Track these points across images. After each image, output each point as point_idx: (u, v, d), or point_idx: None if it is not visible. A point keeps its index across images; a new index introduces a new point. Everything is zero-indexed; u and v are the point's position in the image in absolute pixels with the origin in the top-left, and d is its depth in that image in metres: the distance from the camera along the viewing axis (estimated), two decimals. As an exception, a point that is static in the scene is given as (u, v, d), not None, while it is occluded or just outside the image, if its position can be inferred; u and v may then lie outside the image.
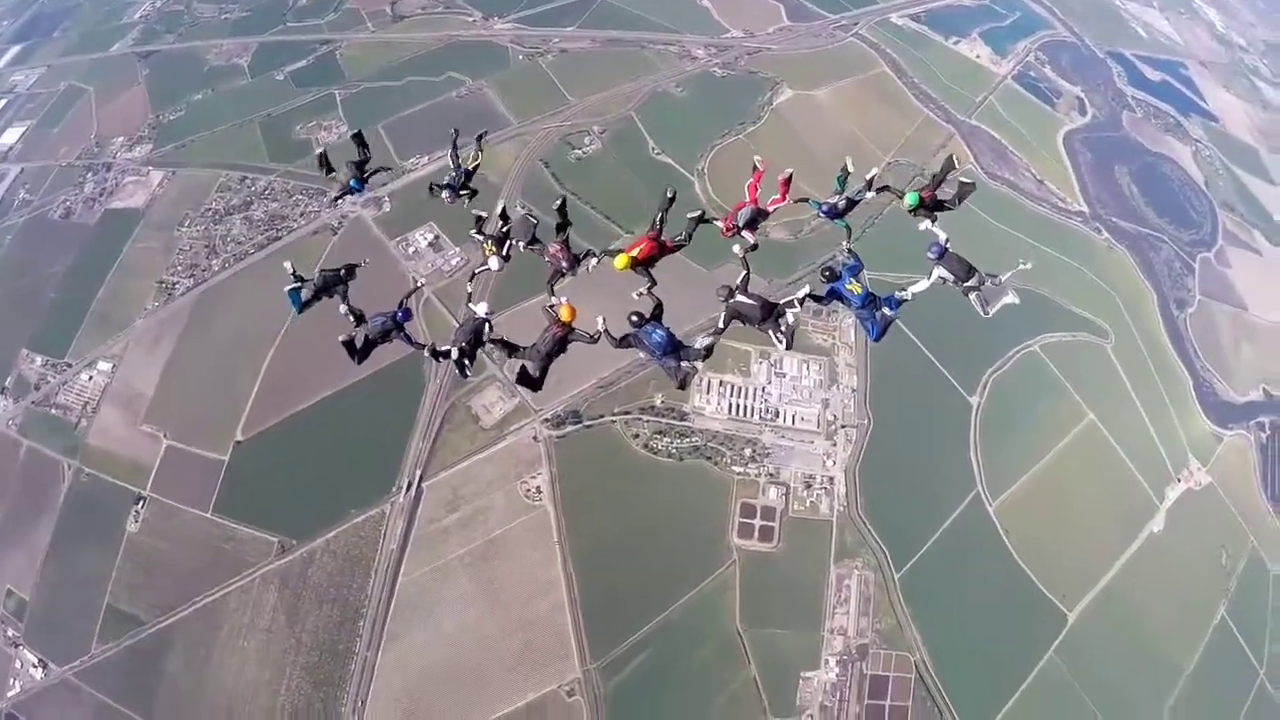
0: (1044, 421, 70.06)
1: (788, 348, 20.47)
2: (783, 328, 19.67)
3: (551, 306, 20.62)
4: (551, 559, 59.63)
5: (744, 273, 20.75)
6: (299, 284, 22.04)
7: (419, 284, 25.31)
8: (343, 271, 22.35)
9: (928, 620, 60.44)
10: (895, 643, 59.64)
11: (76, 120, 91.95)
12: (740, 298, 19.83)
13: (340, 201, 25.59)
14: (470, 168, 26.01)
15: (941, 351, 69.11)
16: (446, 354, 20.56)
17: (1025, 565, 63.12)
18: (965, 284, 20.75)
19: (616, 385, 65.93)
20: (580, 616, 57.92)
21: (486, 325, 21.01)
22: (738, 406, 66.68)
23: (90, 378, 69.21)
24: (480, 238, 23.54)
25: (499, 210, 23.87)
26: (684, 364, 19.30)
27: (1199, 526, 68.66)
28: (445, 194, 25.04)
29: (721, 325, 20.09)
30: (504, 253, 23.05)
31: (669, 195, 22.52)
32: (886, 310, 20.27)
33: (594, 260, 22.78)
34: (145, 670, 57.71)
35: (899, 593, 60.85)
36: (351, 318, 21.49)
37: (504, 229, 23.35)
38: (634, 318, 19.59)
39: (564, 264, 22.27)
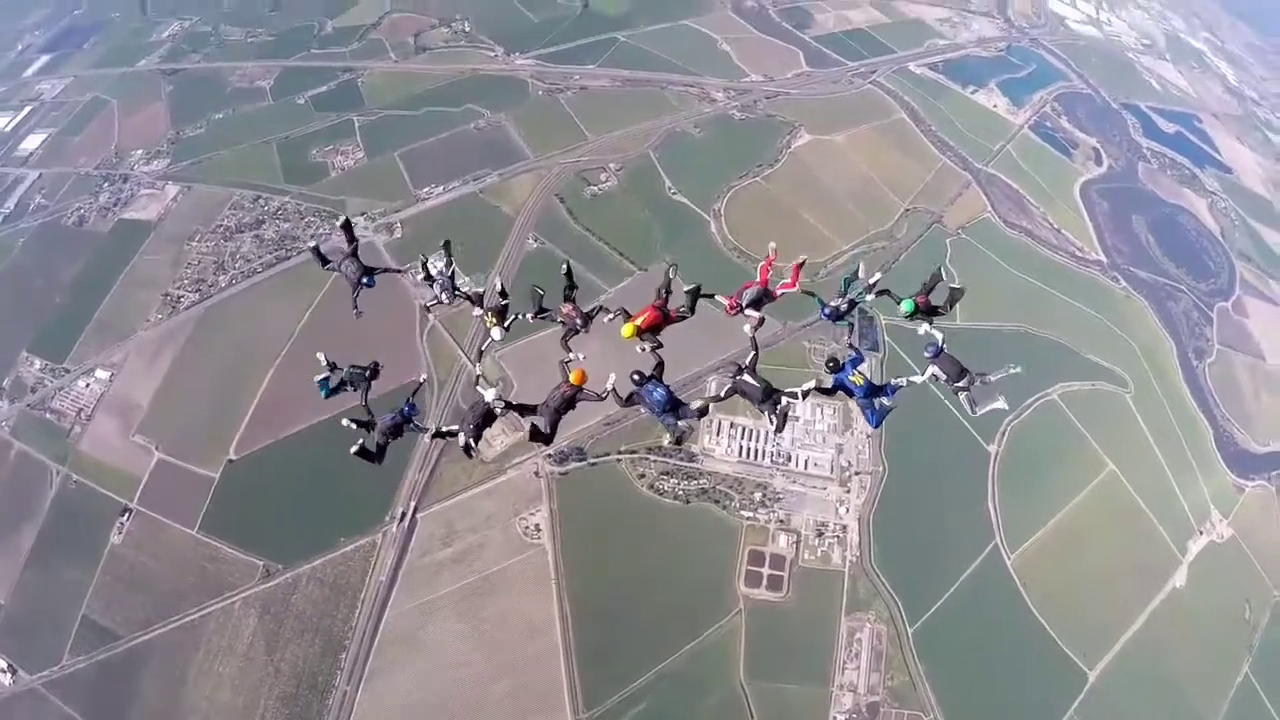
0: (1063, 472, 65.76)
1: (777, 431, 21.30)
2: (778, 411, 19.94)
3: (567, 363, 21.07)
4: (548, 600, 55.16)
5: (753, 353, 20.91)
6: (329, 372, 21.85)
7: (422, 379, 22.95)
8: (368, 371, 22.00)
9: (942, 678, 55.55)
10: (908, 701, 54.65)
11: (98, 131, 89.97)
12: (746, 378, 20.13)
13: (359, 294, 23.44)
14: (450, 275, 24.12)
15: (958, 398, 63.84)
16: (453, 434, 20.76)
17: (1044, 621, 58.46)
18: (956, 384, 20.92)
19: (623, 423, 61.68)
20: (575, 662, 53.26)
21: (495, 410, 20.82)
22: (748, 449, 62.47)
23: (87, 385, 66.34)
24: (480, 313, 23.15)
25: (497, 285, 23.44)
26: (681, 422, 19.70)
27: (1221, 580, 64.09)
28: (443, 296, 23.61)
29: (722, 395, 20.93)
30: (505, 324, 22.86)
31: (669, 274, 22.15)
32: (886, 400, 20.87)
33: (608, 316, 22.75)
34: (116, 687, 53.53)
35: (912, 648, 56.05)
36: (357, 426, 21.08)
37: (504, 303, 23.04)
38: (635, 377, 19.90)
39: (578, 322, 22.31)
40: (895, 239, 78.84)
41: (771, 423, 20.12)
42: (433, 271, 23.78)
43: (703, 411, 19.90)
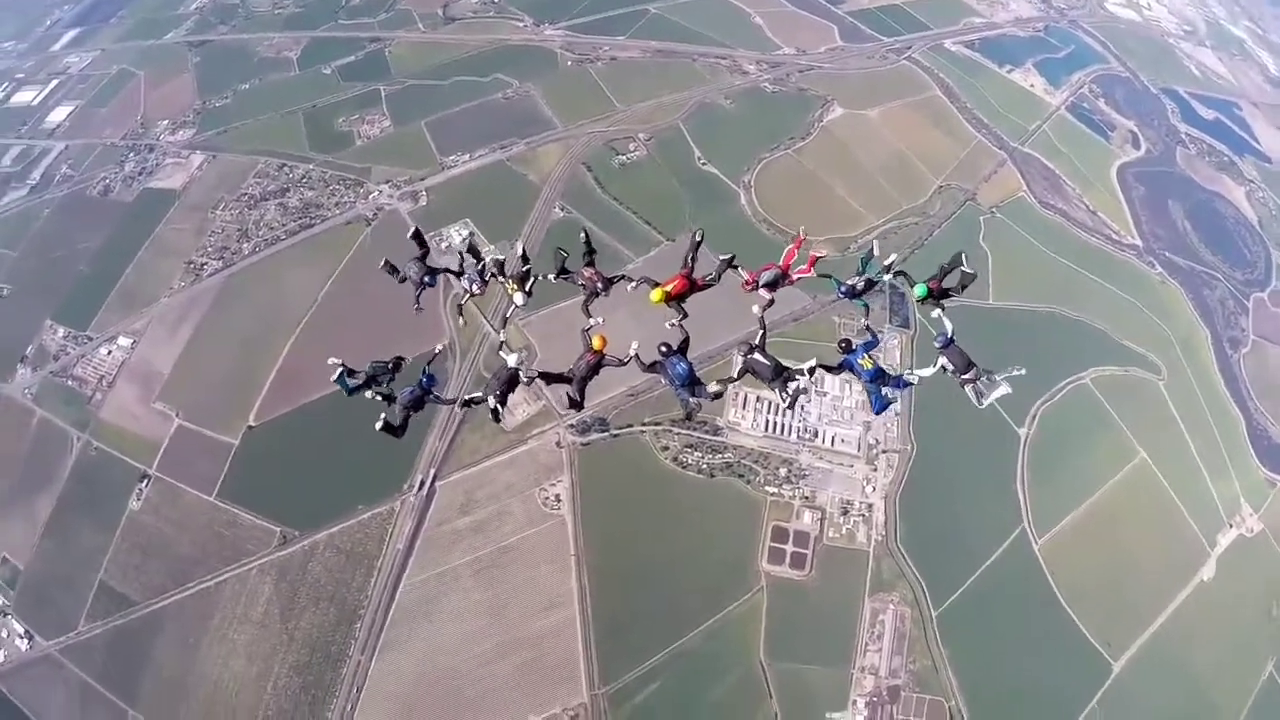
0: (1094, 457, 63.57)
1: (789, 407, 23.97)
2: (790, 389, 20.05)
3: (588, 329, 21.20)
4: (566, 572, 53.79)
5: (761, 331, 21.20)
6: (348, 373, 21.25)
7: (438, 349, 22.39)
8: (390, 364, 21.60)
9: (965, 663, 53.81)
10: (929, 686, 52.98)
11: (124, 102, 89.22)
12: (757, 356, 20.29)
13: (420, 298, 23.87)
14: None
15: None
16: (479, 401, 21.19)
17: (1071, 609, 56.54)
18: (963, 376, 20.73)
19: (648, 394, 59.97)
20: (591, 636, 51.93)
21: (519, 374, 20.92)
22: (774, 424, 60.46)
23: (109, 352, 65.81)
24: (503, 280, 23.15)
25: (519, 251, 23.50)
26: (694, 399, 20.04)
27: (1250, 575, 61.74)
28: (475, 287, 23.45)
29: (735, 375, 21.44)
30: (527, 289, 22.79)
31: (697, 239, 22.56)
32: (892, 390, 20.73)
33: (631, 284, 23.04)
34: (130, 653, 52.98)
35: (936, 632, 54.34)
36: (381, 398, 21.03)
37: (525, 268, 23.02)
38: (663, 348, 20.16)
39: (599, 285, 22.44)
40: (928, 215, 76.40)
41: (783, 399, 20.18)
42: (466, 266, 23.52)
43: (717, 395, 20.15)
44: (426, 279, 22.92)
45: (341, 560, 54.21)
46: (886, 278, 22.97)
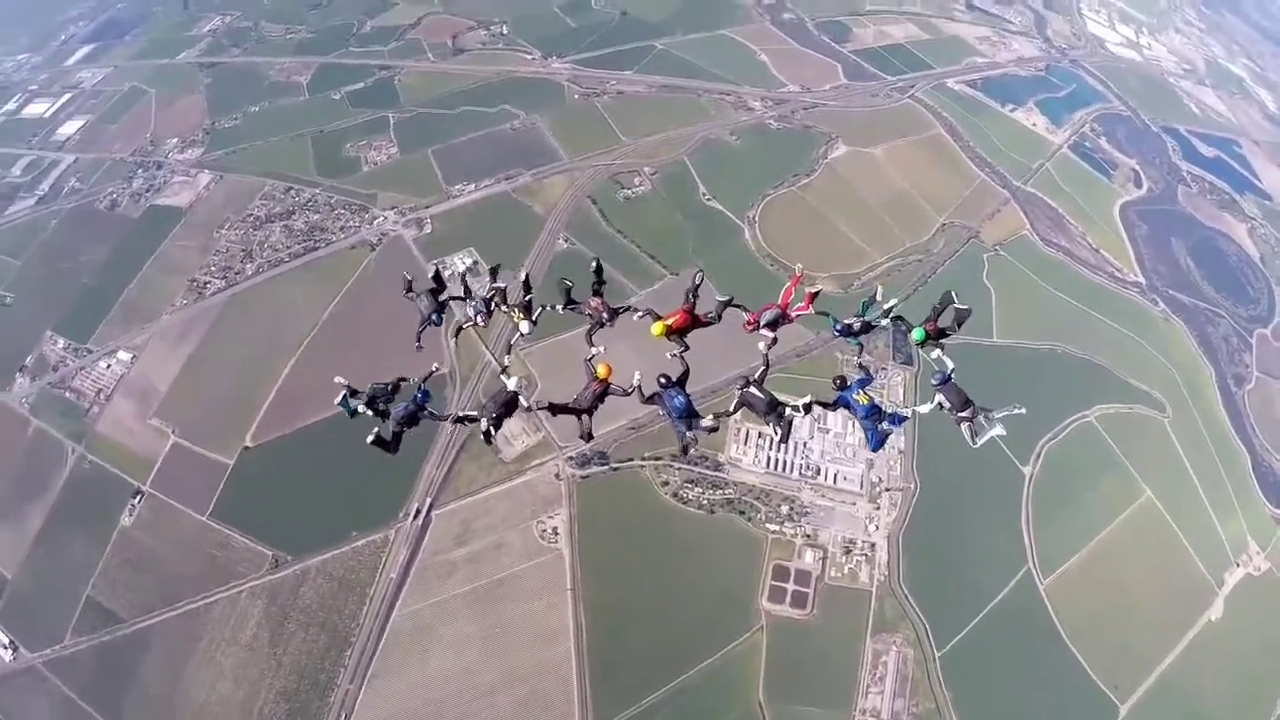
0: (1099, 496, 62.29)
1: (782, 440, 20.87)
2: (782, 421, 19.72)
3: (591, 359, 20.89)
4: (562, 607, 52.30)
5: (763, 368, 21.16)
6: (351, 394, 20.27)
7: (435, 367, 22.61)
8: (390, 386, 20.71)
9: (969, 706, 52.17)
10: (933, 730, 51.18)
11: (135, 119, 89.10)
12: (752, 390, 19.99)
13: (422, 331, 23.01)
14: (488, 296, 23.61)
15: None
16: (473, 420, 20.26)
17: (1077, 651, 54.94)
18: (959, 414, 20.07)
19: (648, 428, 58.78)
20: (587, 673, 50.29)
21: (518, 398, 20.47)
22: (776, 460, 59.47)
23: (109, 366, 64.88)
24: (507, 309, 22.78)
25: (522, 278, 23.67)
26: (690, 432, 19.58)
27: (1258, 615, 60.16)
28: (479, 319, 23.12)
29: (731, 409, 20.70)
30: (533, 318, 22.50)
31: (696, 281, 22.42)
32: (888, 425, 20.18)
33: (637, 314, 22.82)
34: (115, 671, 51.50)
35: (939, 674, 52.68)
36: (373, 414, 20.03)
37: (527, 297, 22.85)
38: (662, 380, 19.99)
39: (605, 316, 22.22)
40: (931, 253, 75.90)
41: (776, 433, 19.85)
42: (475, 291, 23.13)
43: (713, 429, 19.73)
44: (434, 317, 22.35)
45: (334, 587, 52.73)
46: (884, 322, 22.64)
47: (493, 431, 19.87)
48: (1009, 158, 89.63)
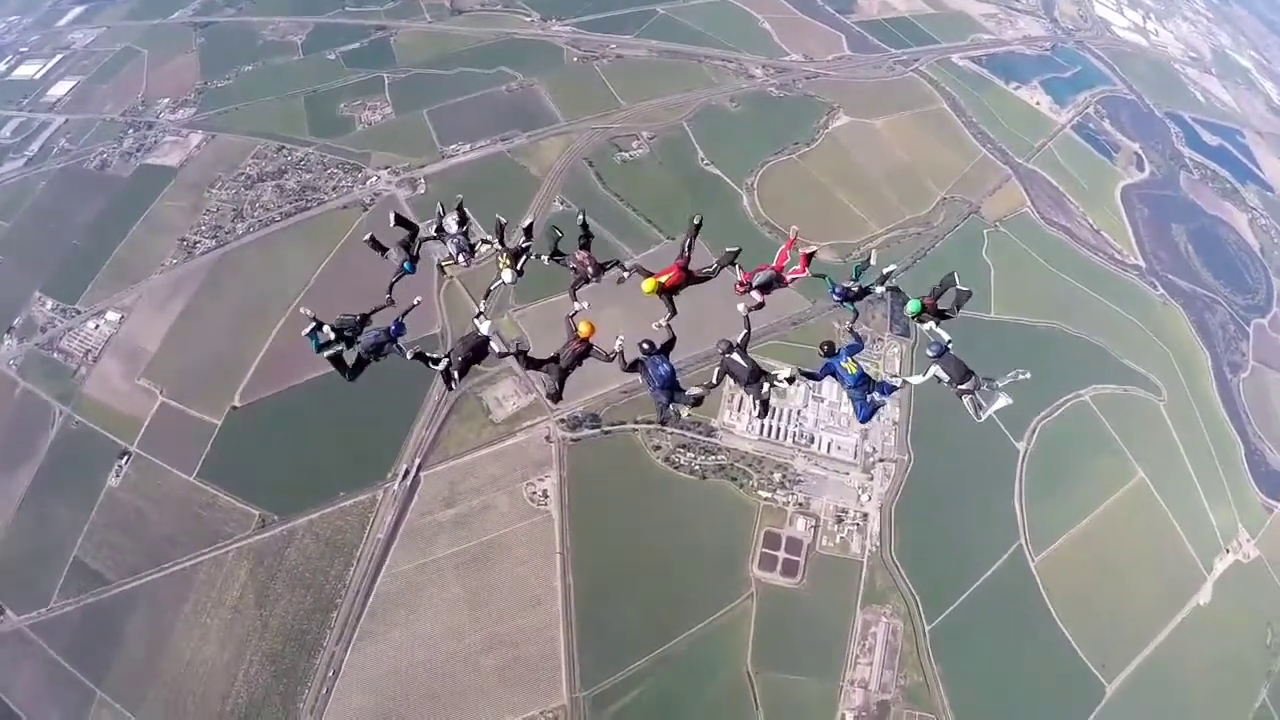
0: (1092, 475, 61.62)
1: (760, 416, 20.82)
2: (762, 394, 18.90)
3: (573, 315, 19.93)
4: (551, 569, 51.59)
5: (744, 331, 19.72)
6: (317, 326, 18.90)
7: (417, 301, 21.03)
8: (359, 318, 19.34)
9: (957, 680, 51.59)
10: (920, 702, 50.70)
11: (127, 79, 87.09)
12: (735, 356, 18.99)
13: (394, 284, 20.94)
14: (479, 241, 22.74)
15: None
16: (435, 361, 19.31)
17: (1066, 629, 54.43)
18: (960, 386, 19.25)
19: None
20: (574, 637, 49.72)
21: (488, 344, 19.58)
22: (770, 427, 58.51)
23: (97, 326, 63.74)
24: (498, 247, 21.52)
25: (526, 224, 22.58)
26: (673, 405, 18.78)
27: (1246, 602, 59.70)
28: (460, 258, 21.61)
29: (714, 380, 19.47)
30: (518, 266, 21.12)
31: (696, 222, 21.35)
32: (878, 395, 19.28)
33: (625, 274, 21.78)
34: (101, 632, 50.81)
35: (928, 647, 52.10)
36: (336, 338, 18.76)
37: (525, 243, 21.55)
38: (645, 346, 18.86)
39: (590, 271, 21.05)
40: (931, 226, 74.78)
41: (754, 408, 19.27)
42: (448, 229, 21.66)
43: (698, 400, 18.89)
44: (406, 264, 20.95)
45: (321, 548, 51.97)
46: (880, 289, 21.86)
47: (455, 375, 19.09)
48: (1011, 135, 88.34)
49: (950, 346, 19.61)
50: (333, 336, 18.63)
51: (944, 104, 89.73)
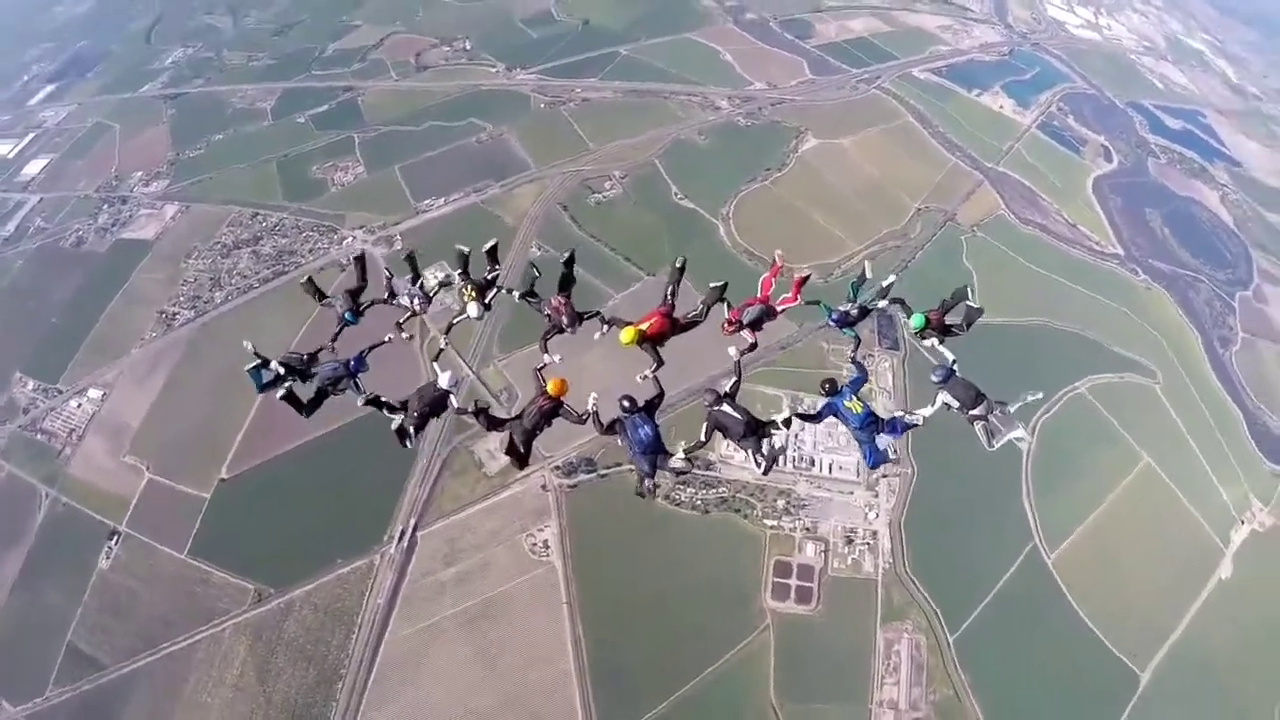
0: (1098, 466, 60.33)
1: (765, 473, 17.43)
2: (764, 449, 16.57)
3: (541, 368, 18.02)
4: (559, 621, 49.27)
5: (734, 379, 17.60)
6: (263, 364, 17.88)
7: (388, 339, 19.65)
8: (306, 356, 18.37)
9: (988, 689, 49.42)
10: (953, 716, 48.45)
11: (99, 155, 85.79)
12: (725, 408, 16.69)
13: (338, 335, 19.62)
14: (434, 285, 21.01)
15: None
16: (392, 410, 17.31)
17: (1091, 622, 52.59)
18: (971, 412, 17.82)
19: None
20: (590, 688, 47.23)
21: (449, 398, 17.63)
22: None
23: (79, 405, 61.58)
24: (461, 281, 19.70)
25: (488, 247, 20.17)
26: (654, 475, 16.52)
27: (1267, 569, 58.22)
28: (416, 304, 19.86)
29: (703, 438, 17.17)
30: (485, 300, 19.38)
31: (678, 265, 19.52)
32: (887, 436, 17.34)
33: (603, 328, 19.18)
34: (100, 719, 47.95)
35: (955, 658, 50.01)
36: (292, 375, 17.80)
37: (490, 274, 19.76)
38: (625, 404, 16.56)
39: (564, 320, 18.75)
40: (909, 238, 73.95)
41: (758, 464, 16.59)
42: (398, 290, 20.25)
43: (682, 471, 15.75)
44: (348, 315, 19.46)
45: (320, 618, 49.44)
46: (881, 304, 20.38)
47: (411, 433, 17.20)
48: (979, 140, 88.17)
49: (956, 368, 18.10)
50: (281, 371, 17.62)
51: (909, 117, 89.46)
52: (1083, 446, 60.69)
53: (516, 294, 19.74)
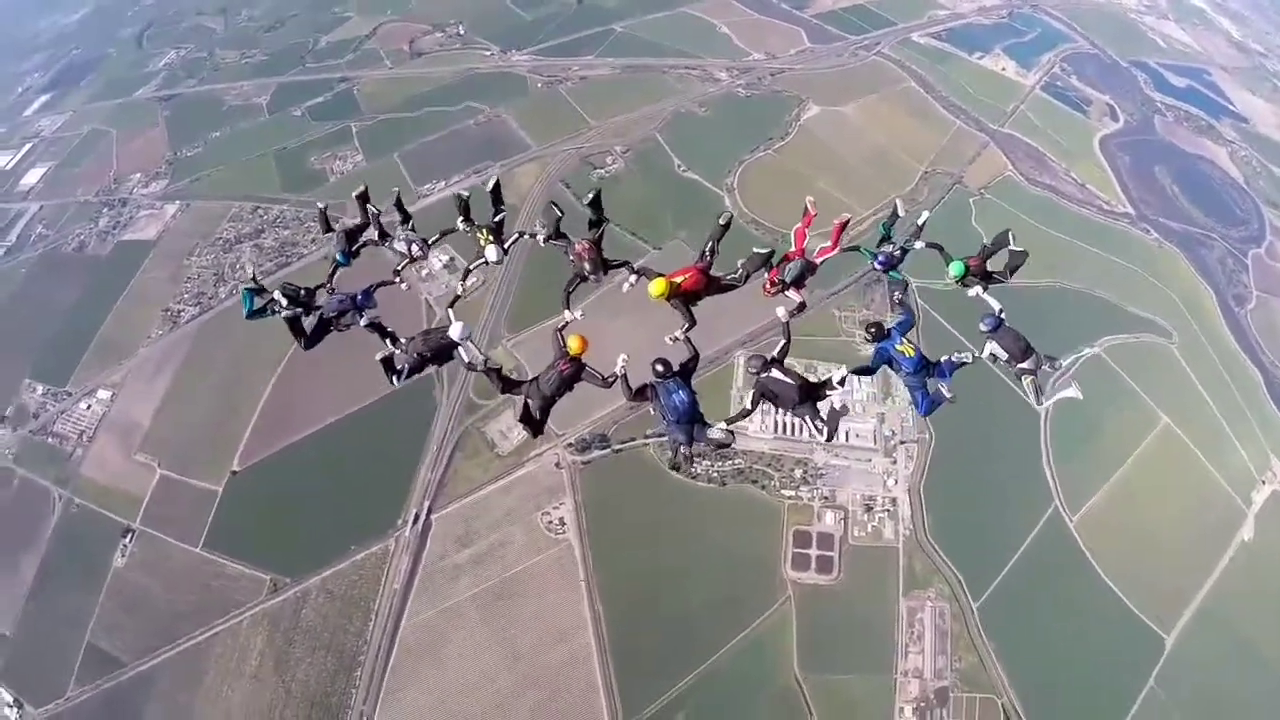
0: (1117, 427, 58.94)
1: (828, 439, 16.55)
2: (823, 414, 15.25)
3: (562, 327, 16.29)
4: (577, 599, 48.52)
5: (783, 342, 16.05)
6: (259, 290, 17.34)
7: (400, 281, 18.98)
8: (304, 290, 17.33)
9: (1013, 655, 48.45)
10: (978, 683, 47.53)
11: (97, 160, 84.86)
12: (776, 373, 15.25)
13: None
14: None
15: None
16: (395, 340, 16.28)
17: (1114, 585, 51.42)
18: (1020, 365, 17.01)
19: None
20: (610, 666, 46.51)
21: (457, 350, 16.10)
22: (784, 423, 55.26)
23: (89, 406, 61.16)
24: (468, 227, 18.43)
25: (491, 185, 18.65)
26: (691, 446, 14.83)
27: None
28: (414, 249, 18.82)
29: (749, 406, 15.79)
30: (505, 245, 17.99)
31: (722, 222, 17.53)
32: (939, 380, 16.47)
33: (631, 279, 17.50)
34: (122, 717, 47.66)
35: (979, 625, 49.04)
36: (293, 305, 16.90)
37: (497, 216, 18.42)
38: (659, 367, 14.92)
39: (588, 267, 17.01)
40: (917, 202, 71.78)
41: (819, 430, 15.30)
42: (391, 231, 19.11)
43: (723, 444, 15.04)
44: (339, 256, 18.62)
45: (336, 605, 48.91)
46: (919, 244, 19.12)
47: (404, 371, 15.95)
48: (983, 103, 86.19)
49: (1004, 317, 17.09)
50: (278, 297, 16.84)
51: (911, 82, 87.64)
52: (1101, 408, 59.30)
53: (541, 237, 18.22)
